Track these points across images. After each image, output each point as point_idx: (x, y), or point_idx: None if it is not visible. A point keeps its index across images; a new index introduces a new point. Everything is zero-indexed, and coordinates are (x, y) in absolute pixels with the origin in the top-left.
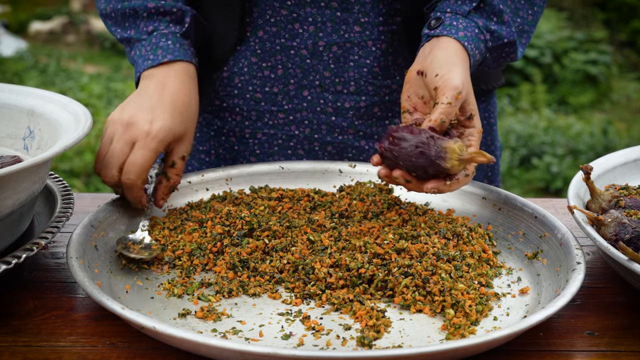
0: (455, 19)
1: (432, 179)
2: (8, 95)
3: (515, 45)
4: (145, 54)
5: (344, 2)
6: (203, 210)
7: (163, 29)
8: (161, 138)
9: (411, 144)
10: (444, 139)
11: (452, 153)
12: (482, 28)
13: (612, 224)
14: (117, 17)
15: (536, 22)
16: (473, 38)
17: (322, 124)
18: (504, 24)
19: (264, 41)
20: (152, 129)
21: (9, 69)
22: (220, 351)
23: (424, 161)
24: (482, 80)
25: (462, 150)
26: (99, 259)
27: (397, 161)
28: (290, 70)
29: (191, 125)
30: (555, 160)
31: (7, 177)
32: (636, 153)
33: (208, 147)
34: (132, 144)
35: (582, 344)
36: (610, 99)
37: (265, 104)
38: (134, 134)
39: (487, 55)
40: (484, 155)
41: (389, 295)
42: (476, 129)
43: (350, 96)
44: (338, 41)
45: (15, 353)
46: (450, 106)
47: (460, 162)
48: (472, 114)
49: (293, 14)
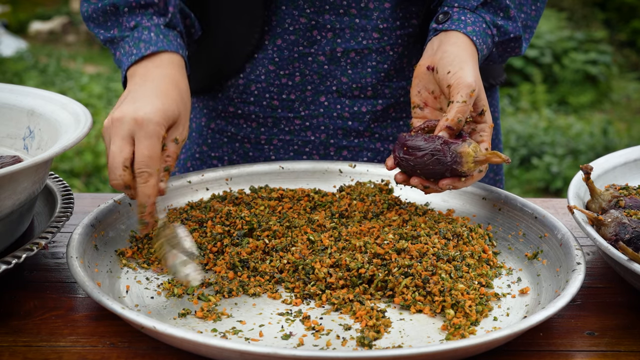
0: (463, 14)
1: (448, 177)
2: (8, 95)
3: (520, 40)
4: (128, 51)
5: (363, 9)
6: (203, 210)
7: (146, 22)
8: (155, 121)
9: (426, 152)
10: (458, 143)
11: (468, 157)
12: (490, 23)
13: (612, 224)
14: (99, 17)
15: (539, 18)
16: (481, 33)
17: (339, 128)
18: (511, 19)
19: (282, 49)
20: (140, 117)
21: (9, 69)
22: (220, 351)
23: (440, 167)
24: (486, 76)
25: (476, 151)
26: (99, 259)
27: (414, 170)
28: (308, 76)
29: (183, 109)
30: (555, 160)
31: (7, 177)
32: (636, 153)
33: (221, 153)
34: (131, 140)
35: (582, 344)
36: (610, 99)
37: (281, 111)
38: (125, 129)
39: (494, 50)
40: (498, 155)
41: (389, 296)
42: (487, 124)
43: (367, 100)
44: (356, 47)
45: (15, 353)
46: (466, 104)
47: (475, 164)
48: (484, 110)
49: (312, 22)
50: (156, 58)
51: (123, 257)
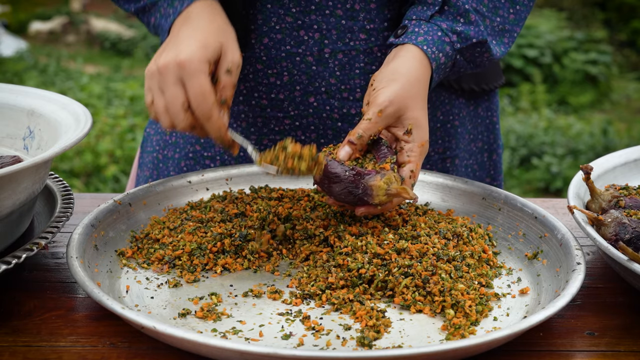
0: (418, 25)
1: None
2: (8, 95)
3: (486, 44)
4: (164, 12)
5: (349, 10)
6: (203, 210)
7: None
8: (197, 59)
9: (339, 182)
10: (372, 175)
11: (379, 190)
12: (447, 30)
13: (612, 224)
14: None
15: (520, 20)
16: (435, 41)
17: (328, 129)
18: (472, 24)
19: (269, 48)
20: (181, 60)
21: (9, 69)
22: (220, 351)
23: (352, 198)
24: (478, 81)
25: (390, 184)
26: (99, 259)
27: (331, 194)
28: (296, 76)
29: (225, 39)
30: (555, 160)
31: (7, 177)
32: (636, 153)
33: (213, 153)
34: (181, 84)
35: (582, 344)
36: (610, 99)
37: (271, 110)
38: (172, 76)
39: (458, 57)
40: (407, 192)
41: (389, 296)
42: (415, 143)
43: (356, 102)
44: (343, 49)
45: (15, 353)
46: (370, 122)
47: (388, 197)
48: (410, 129)
49: (298, 21)
50: (190, 8)
51: (123, 257)
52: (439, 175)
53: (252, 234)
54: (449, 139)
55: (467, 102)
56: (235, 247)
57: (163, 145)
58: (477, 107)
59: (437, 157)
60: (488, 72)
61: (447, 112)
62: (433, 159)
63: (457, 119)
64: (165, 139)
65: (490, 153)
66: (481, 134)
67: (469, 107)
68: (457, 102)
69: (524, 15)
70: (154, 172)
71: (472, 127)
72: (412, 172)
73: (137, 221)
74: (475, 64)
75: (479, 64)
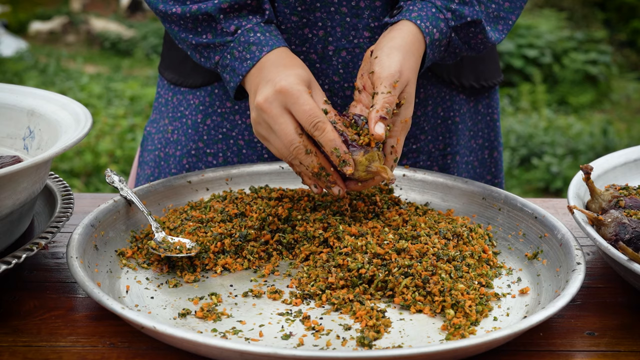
0: (413, 4)
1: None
2: (8, 95)
3: (481, 25)
4: (240, 56)
5: (354, 7)
6: (203, 210)
7: (246, 24)
8: (295, 82)
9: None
10: (356, 150)
11: (359, 165)
12: (441, 7)
13: (612, 224)
14: (187, 23)
15: (516, 10)
16: (429, 17)
17: None
18: (466, 4)
19: None
20: (280, 87)
21: (9, 69)
22: (220, 351)
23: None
24: (477, 77)
25: (372, 161)
26: (99, 259)
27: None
28: None
29: (310, 74)
30: (555, 160)
31: (7, 177)
32: (636, 153)
33: (216, 150)
34: (287, 111)
35: (582, 344)
36: (610, 99)
37: None
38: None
39: (453, 35)
40: (386, 172)
41: (389, 296)
42: (401, 117)
43: None
44: (347, 46)
45: (15, 353)
46: (391, 95)
47: (367, 174)
48: (402, 102)
49: (303, 20)
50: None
51: (123, 257)
52: (439, 175)
53: (252, 234)
54: (450, 135)
55: (468, 98)
56: (235, 247)
57: (165, 143)
58: (478, 104)
59: (437, 154)
60: (486, 68)
61: (448, 109)
62: (434, 155)
63: (458, 115)
64: (166, 137)
65: (491, 150)
66: (481, 131)
67: (469, 104)
68: (457, 98)
69: (520, 4)
70: (156, 170)
71: (473, 123)
72: (392, 148)
73: (137, 221)
74: (470, 46)
75: (473, 47)
